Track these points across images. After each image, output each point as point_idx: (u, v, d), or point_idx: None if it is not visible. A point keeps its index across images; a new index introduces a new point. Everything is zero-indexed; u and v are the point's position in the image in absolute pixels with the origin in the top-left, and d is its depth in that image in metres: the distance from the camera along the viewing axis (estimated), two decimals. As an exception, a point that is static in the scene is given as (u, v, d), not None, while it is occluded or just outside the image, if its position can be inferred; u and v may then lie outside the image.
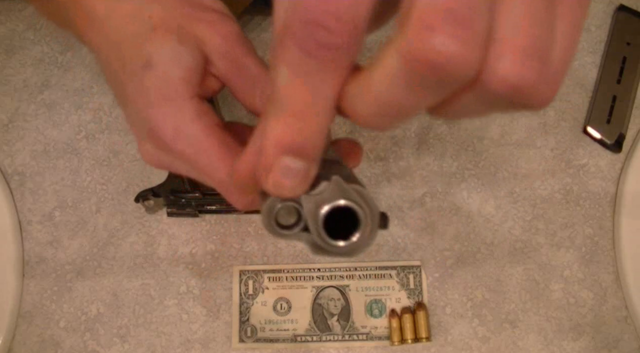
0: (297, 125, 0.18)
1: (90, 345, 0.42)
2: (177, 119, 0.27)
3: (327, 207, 0.21)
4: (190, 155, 0.27)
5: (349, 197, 0.21)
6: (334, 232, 0.21)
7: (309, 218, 0.21)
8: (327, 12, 0.16)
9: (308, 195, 0.21)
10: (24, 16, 0.46)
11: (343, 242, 0.21)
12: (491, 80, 0.15)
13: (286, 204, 0.21)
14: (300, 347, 0.42)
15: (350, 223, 0.21)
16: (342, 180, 0.21)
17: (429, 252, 0.43)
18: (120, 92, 0.29)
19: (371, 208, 0.21)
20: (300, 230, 0.22)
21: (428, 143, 0.44)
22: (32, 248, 0.43)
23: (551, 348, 0.42)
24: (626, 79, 0.44)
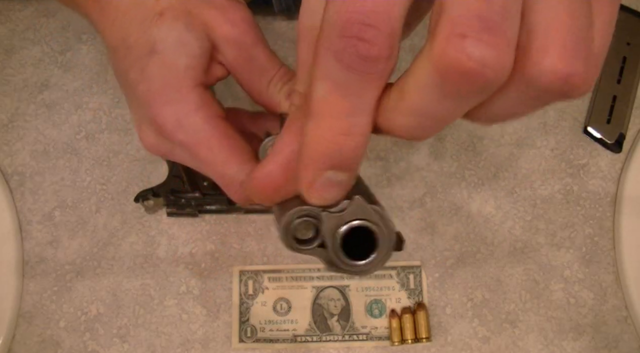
0: (341, 139, 0.18)
1: (90, 345, 0.42)
2: (179, 108, 0.27)
3: (347, 227, 0.21)
4: (191, 145, 0.27)
5: (370, 218, 0.21)
6: (349, 249, 0.21)
7: (327, 236, 0.21)
8: (364, 23, 0.16)
9: (328, 212, 0.21)
10: (24, 16, 0.46)
11: (359, 262, 0.21)
12: (540, 76, 0.15)
13: (304, 220, 0.21)
14: (300, 347, 0.42)
15: (366, 242, 0.21)
16: (363, 200, 0.21)
17: (429, 252, 0.43)
18: (123, 77, 0.28)
19: (389, 231, 0.21)
20: (317, 246, 0.21)
21: (428, 143, 0.44)
22: (32, 248, 0.43)
23: (551, 348, 0.42)
24: (626, 79, 0.44)
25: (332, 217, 0.21)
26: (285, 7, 0.43)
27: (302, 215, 0.21)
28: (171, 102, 0.27)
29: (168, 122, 0.27)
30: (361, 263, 0.21)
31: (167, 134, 0.27)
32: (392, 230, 0.21)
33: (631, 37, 0.44)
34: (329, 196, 0.20)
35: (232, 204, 0.43)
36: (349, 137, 0.18)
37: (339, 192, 0.20)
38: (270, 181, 0.21)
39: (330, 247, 0.21)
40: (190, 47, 0.27)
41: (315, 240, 0.21)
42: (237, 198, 0.28)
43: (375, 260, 0.21)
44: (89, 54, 0.45)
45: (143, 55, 0.27)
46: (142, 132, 0.29)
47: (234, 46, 0.28)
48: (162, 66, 0.27)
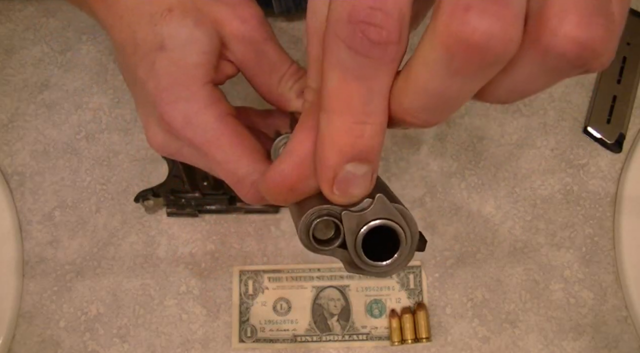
0: (358, 128, 0.17)
1: (90, 345, 0.42)
2: (188, 105, 0.26)
3: (369, 227, 0.20)
4: (201, 144, 0.26)
5: (391, 217, 0.20)
6: (370, 249, 0.20)
7: (348, 236, 0.20)
8: (372, 7, 0.15)
9: (349, 211, 0.20)
10: (24, 16, 0.46)
11: (381, 263, 0.20)
12: (558, 44, 0.15)
13: (324, 219, 0.20)
14: (300, 347, 0.42)
15: (388, 242, 0.20)
16: (386, 198, 0.20)
17: (429, 252, 0.43)
18: (131, 75, 0.28)
19: (412, 231, 0.20)
20: (337, 246, 0.21)
21: (428, 143, 0.44)
22: (32, 248, 0.43)
23: (551, 348, 0.42)
24: (626, 79, 0.44)
25: (353, 216, 0.20)
26: (285, 8, 0.43)
27: (322, 214, 0.20)
28: (180, 99, 0.26)
29: (177, 120, 0.26)
30: (383, 264, 0.20)
31: (176, 132, 0.26)
32: (416, 231, 0.20)
33: (631, 37, 0.44)
34: (354, 192, 0.19)
35: (232, 204, 0.43)
36: (366, 126, 0.17)
37: (363, 186, 0.19)
38: (285, 180, 0.20)
39: (351, 248, 0.20)
40: (199, 44, 0.26)
41: (336, 241, 0.20)
42: (248, 198, 0.28)
43: (397, 261, 0.20)
44: (89, 54, 0.45)
45: (151, 52, 0.26)
46: (150, 130, 0.28)
47: (244, 43, 0.28)
48: (171, 63, 0.26)
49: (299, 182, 0.20)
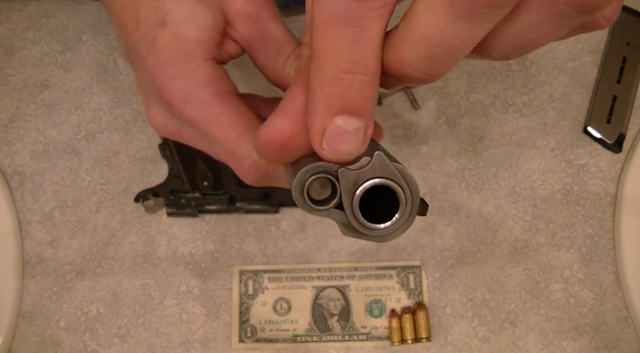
0: (346, 78, 0.16)
1: (90, 345, 0.42)
2: (187, 81, 0.25)
3: (366, 186, 0.19)
4: (200, 121, 0.26)
5: (391, 176, 0.19)
6: (369, 212, 0.19)
7: (345, 196, 0.19)
8: None
9: (346, 169, 0.19)
10: (24, 16, 0.46)
11: (379, 225, 0.19)
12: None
13: (320, 176, 0.19)
14: (300, 347, 0.42)
15: (387, 204, 0.19)
16: (385, 156, 0.19)
17: (429, 252, 0.43)
18: (132, 53, 0.27)
19: (412, 191, 0.19)
20: (334, 207, 0.19)
21: (428, 143, 0.44)
22: (32, 248, 0.43)
23: (551, 348, 0.42)
24: (626, 79, 0.44)
25: (350, 174, 0.19)
26: (284, 3, 0.43)
27: (317, 171, 0.19)
28: (180, 75, 0.25)
29: (176, 96, 0.25)
30: (381, 227, 0.19)
31: (175, 109, 0.26)
32: (417, 192, 0.19)
33: (631, 37, 0.44)
34: (344, 148, 0.18)
35: (232, 204, 0.43)
36: (355, 76, 0.17)
37: (354, 143, 0.18)
38: (278, 136, 0.19)
39: (347, 208, 0.19)
40: (201, 20, 0.26)
41: (332, 200, 0.19)
42: (248, 178, 0.27)
43: (396, 224, 0.19)
44: (89, 54, 0.45)
45: (153, 27, 0.26)
46: (151, 110, 0.28)
47: (249, 22, 0.27)
48: (172, 39, 0.25)
49: (292, 138, 0.19)
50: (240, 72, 0.44)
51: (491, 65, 0.45)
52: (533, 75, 0.45)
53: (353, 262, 0.43)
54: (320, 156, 0.19)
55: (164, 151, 0.43)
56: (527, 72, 0.45)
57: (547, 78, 0.45)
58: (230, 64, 0.29)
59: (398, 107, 0.45)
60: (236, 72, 0.44)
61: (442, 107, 0.45)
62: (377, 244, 0.43)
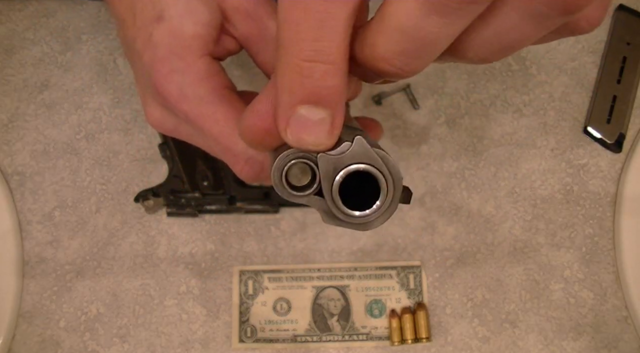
0: (306, 66, 0.16)
1: (90, 345, 0.42)
2: (183, 77, 0.25)
3: (346, 171, 0.18)
4: (196, 117, 0.25)
5: (372, 162, 0.18)
6: (350, 199, 0.19)
7: (324, 182, 0.19)
8: None
9: (326, 154, 0.18)
10: (24, 16, 0.46)
11: (359, 212, 0.19)
12: None
13: (300, 161, 0.19)
14: (300, 347, 0.42)
15: (369, 192, 0.19)
16: (365, 141, 0.18)
17: (429, 252, 0.43)
18: (130, 47, 0.27)
19: (394, 178, 0.19)
20: (313, 193, 0.19)
21: (428, 143, 0.44)
22: (32, 248, 0.43)
23: (551, 348, 0.42)
24: (626, 79, 0.44)
25: (329, 159, 0.18)
26: None
27: (297, 156, 0.19)
28: (176, 71, 0.25)
29: (172, 92, 0.25)
30: (361, 214, 0.19)
31: (171, 105, 0.26)
32: (399, 178, 0.19)
33: (631, 37, 0.44)
34: (307, 138, 0.17)
35: (232, 204, 0.43)
36: (315, 64, 0.16)
37: (319, 133, 0.17)
38: (261, 121, 0.19)
39: (327, 195, 0.19)
40: (198, 15, 0.26)
41: (312, 187, 0.19)
42: (244, 174, 0.27)
43: (377, 212, 0.19)
44: (89, 54, 0.45)
45: (150, 22, 0.25)
46: (148, 106, 0.28)
47: (247, 18, 0.27)
48: (169, 34, 0.25)
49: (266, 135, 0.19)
50: (240, 72, 0.44)
51: (491, 65, 0.45)
52: (533, 75, 0.45)
53: (353, 262, 0.43)
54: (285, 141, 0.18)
55: (164, 151, 0.43)
56: (527, 72, 0.45)
57: (547, 78, 0.45)
58: (230, 63, 0.29)
59: (398, 107, 0.45)
60: (235, 72, 0.44)
61: (442, 107, 0.45)
62: (376, 244, 0.43)
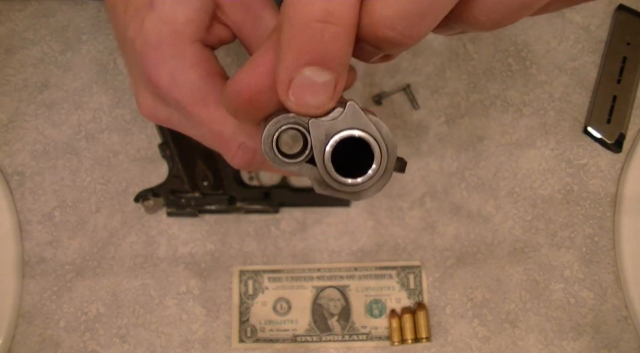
0: (317, 27, 0.16)
1: (90, 345, 0.42)
2: (174, 64, 0.25)
3: (338, 137, 0.18)
4: (187, 103, 0.25)
5: (364, 128, 0.18)
6: (343, 169, 0.18)
7: (316, 148, 0.18)
8: None
9: (318, 120, 0.18)
10: (24, 16, 0.46)
11: (351, 180, 0.18)
12: None
13: (291, 127, 0.18)
14: (300, 347, 0.42)
15: (363, 160, 0.18)
16: (358, 106, 0.18)
17: (429, 252, 0.43)
18: (122, 35, 0.27)
19: (388, 144, 0.18)
20: (305, 160, 0.19)
21: (428, 143, 0.44)
22: (32, 248, 0.43)
23: (551, 348, 0.42)
24: (626, 79, 0.44)
25: (321, 125, 0.18)
26: None
27: (288, 122, 0.18)
28: (167, 57, 0.25)
29: (163, 79, 0.25)
30: (354, 181, 0.18)
31: (163, 93, 0.25)
32: (392, 145, 0.18)
33: (631, 37, 0.44)
34: (310, 101, 0.17)
35: (232, 204, 0.43)
36: (327, 26, 0.16)
37: (322, 96, 0.17)
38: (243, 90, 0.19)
39: (319, 162, 0.18)
40: (190, 1, 0.25)
41: (303, 153, 0.18)
42: (236, 161, 0.27)
43: (371, 179, 0.18)
44: (89, 54, 0.45)
45: (141, 9, 0.25)
46: (140, 95, 0.27)
47: (240, 6, 0.27)
48: (160, 20, 0.25)
49: (258, 94, 0.19)
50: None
51: (491, 65, 0.45)
52: (533, 75, 0.45)
53: (353, 262, 0.43)
54: (285, 106, 0.18)
55: (164, 151, 0.43)
56: (527, 72, 0.45)
57: (547, 78, 0.45)
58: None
59: (398, 107, 0.45)
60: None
61: (442, 107, 0.45)
62: (376, 244, 0.43)
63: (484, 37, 0.45)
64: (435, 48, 0.45)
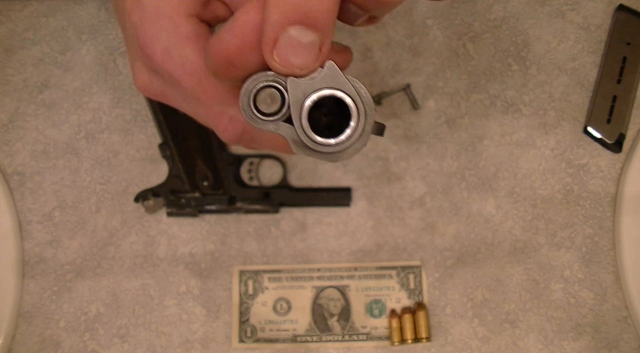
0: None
1: (90, 345, 0.42)
2: (169, 36, 0.25)
3: (316, 96, 0.18)
4: (180, 77, 0.25)
5: (342, 87, 0.18)
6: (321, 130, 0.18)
7: (293, 107, 0.18)
8: None
9: (296, 79, 0.18)
10: (24, 16, 0.46)
11: (329, 140, 0.18)
12: None
13: (269, 85, 0.18)
14: (300, 347, 0.42)
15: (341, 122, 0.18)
16: (336, 66, 0.18)
17: (429, 252, 0.43)
18: (119, 9, 0.27)
19: (365, 105, 0.18)
20: (282, 119, 0.19)
21: (428, 143, 0.44)
22: (32, 248, 0.43)
23: (551, 348, 0.42)
24: (626, 79, 0.44)
25: (299, 84, 0.18)
26: None
27: (266, 80, 0.18)
28: (162, 30, 0.25)
29: (157, 52, 0.25)
30: (331, 142, 0.18)
31: (156, 65, 0.26)
32: (370, 106, 0.18)
33: (631, 37, 0.44)
34: (294, 60, 0.17)
35: (232, 204, 0.43)
36: None
37: (307, 56, 0.17)
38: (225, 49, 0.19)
39: (296, 121, 0.18)
40: None
41: (280, 112, 0.18)
42: (226, 135, 0.27)
43: (349, 139, 0.18)
44: (89, 54, 0.45)
45: None
46: (135, 68, 0.27)
47: None
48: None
49: (239, 53, 0.19)
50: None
51: (491, 65, 0.45)
52: (533, 75, 0.45)
53: (353, 262, 0.43)
54: (271, 68, 0.18)
55: (164, 151, 0.43)
56: (527, 72, 0.45)
57: (547, 78, 0.45)
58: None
59: (398, 107, 0.45)
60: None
61: (442, 107, 0.45)
62: (376, 244, 0.43)
63: (484, 37, 0.45)
64: (435, 48, 0.45)
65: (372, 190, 0.44)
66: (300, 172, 0.44)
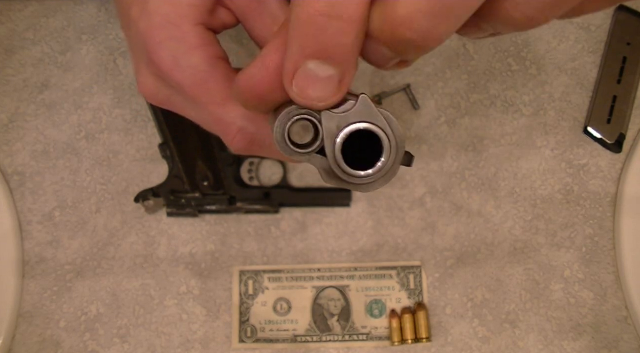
0: (321, 20, 0.16)
1: (90, 345, 0.42)
2: (177, 45, 0.25)
3: (349, 129, 0.18)
4: (188, 86, 0.25)
5: (375, 121, 0.18)
6: (352, 160, 0.19)
7: (327, 140, 0.18)
8: None
9: (330, 112, 0.18)
10: (24, 16, 0.46)
11: (360, 172, 0.19)
12: None
13: (303, 118, 0.18)
14: (300, 347, 0.42)
15: (372, 155, 0.19)
16: (369, 100, 0.18)
17: (429, 252, 0.43)
18: (125, 16, 0.27)
19: (397, 138, 0.19)
20: (315, 151, 0.19)
21: (428, 143, 0.44)
22: (32, 248, 0.43)
23: (551, 348, 0.42)
24: (626, 79, 0.44)
25: (333, 117, 0.18)
26: None
27: (300, 112, 0.18)
28: (169, 38, 0.25)
29: (165, 60, 0.25)
30: (363, 173, 0.19)
31: (164, 74, 0.26)
32: (402, 139, 0.19)
33: (631, 37, 0.44)
34: (312, 93, 0.17)
35: (232, 204, 0.43)
36: (331, 20, 0.16)
37: (325, 90, 0.17)
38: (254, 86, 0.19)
39: (329, 153, 0.19)
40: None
41: (314, 144, 0.19)
42: (234, 145, 0.27)
43: (379, 172, 0.19)
44: (89, 54, 0.45)
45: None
46: (141, 75, 0.27)
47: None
48: (164, 1, 0.25)
49: (269, 90, 0.19)
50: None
51: (491, 65, 0.45)
52: (533, 75, 0.45)
53: (353, 262, 0.43)
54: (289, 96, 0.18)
55: (164, 151, 0.43)
56: (527, 72, 0.45)
57: (547, 78, 0.45)
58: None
59: (398, 107, 0.45)
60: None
61: (442, 107, 0.45)
62: (376, 244, 0.43)
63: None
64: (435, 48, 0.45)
65: (372, 190, 0.44)
66: (300, 172, 0.44)
